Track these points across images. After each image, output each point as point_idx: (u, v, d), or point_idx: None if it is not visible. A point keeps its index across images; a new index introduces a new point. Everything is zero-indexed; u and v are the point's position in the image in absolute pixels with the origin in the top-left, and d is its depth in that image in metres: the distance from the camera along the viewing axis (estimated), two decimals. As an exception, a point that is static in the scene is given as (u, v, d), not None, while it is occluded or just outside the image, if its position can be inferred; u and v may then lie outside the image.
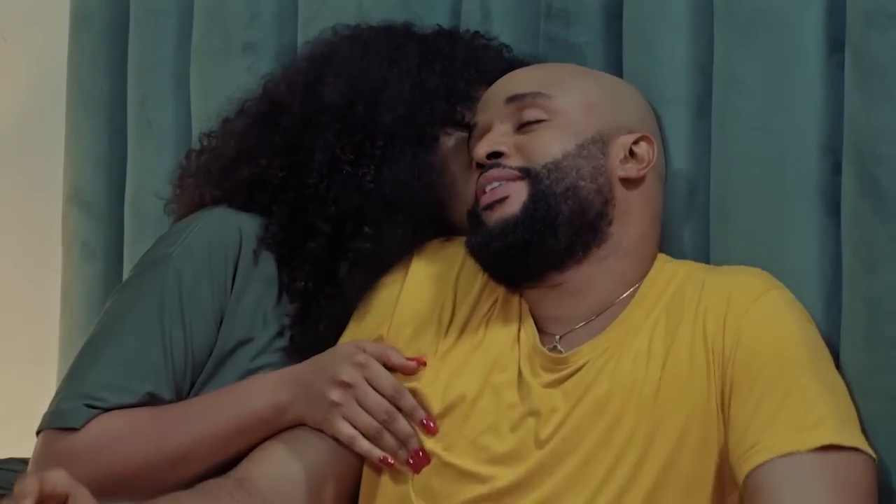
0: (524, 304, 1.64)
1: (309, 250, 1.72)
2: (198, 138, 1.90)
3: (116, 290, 1.79)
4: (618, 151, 1.62)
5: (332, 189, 1.72)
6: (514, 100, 1.64)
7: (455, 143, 1.74)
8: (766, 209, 1.64)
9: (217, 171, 1.80)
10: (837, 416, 1.46)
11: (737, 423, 1.47)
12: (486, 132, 1.65)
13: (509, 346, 1.62)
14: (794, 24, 1.62)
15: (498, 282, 1.65)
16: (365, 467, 1.64)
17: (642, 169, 1.63)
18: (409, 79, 1.73)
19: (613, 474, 1.50)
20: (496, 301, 1.66)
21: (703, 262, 1.68)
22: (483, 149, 1.62)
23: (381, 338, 1.68)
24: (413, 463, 1.59)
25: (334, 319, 1.72)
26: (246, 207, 1.75)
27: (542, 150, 1.60)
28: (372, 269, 1.72)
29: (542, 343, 1.60)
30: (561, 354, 1.59)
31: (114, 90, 2.35)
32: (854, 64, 1.53)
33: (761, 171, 1.64)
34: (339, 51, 1.79)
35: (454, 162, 1.73)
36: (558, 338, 1.61)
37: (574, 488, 1.51)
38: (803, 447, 1.42)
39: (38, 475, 1.30)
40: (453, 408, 1.60)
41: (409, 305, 1.69)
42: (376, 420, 1.60)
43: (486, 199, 1.61)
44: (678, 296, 1.58)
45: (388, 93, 1.73)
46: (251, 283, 1.72)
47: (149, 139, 2.28)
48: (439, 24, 1.86)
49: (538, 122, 1.62)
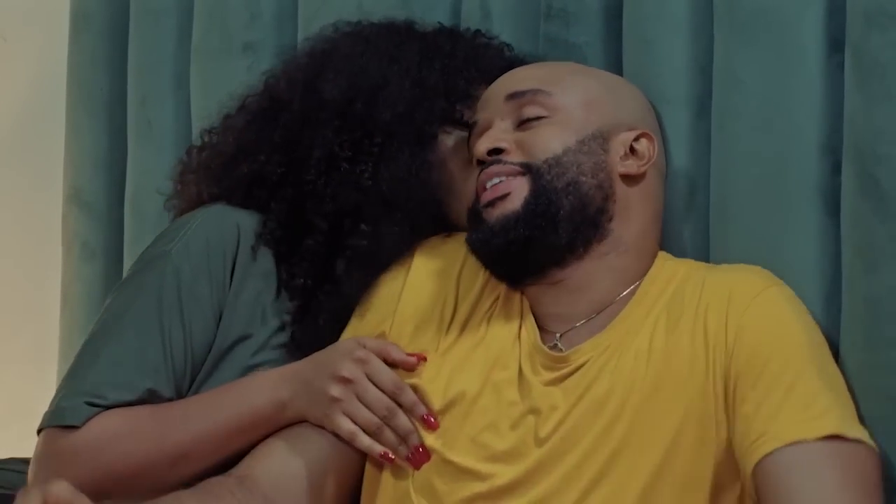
0: (525, 301, 1.65)
1: (307, 247, 1.72)
2: (199, 134, 1.90)
3: (116, 287, 1.79)
4: (618, 148, 1.62)
5: (329, 186, 1.72)
6: (514, 97, 1.64)
7: (454, 141, 1.74)
8: (766, 209, 1.64)
9: (217, 168, 1.80)
10: (841, 409, 1.46)
11: (742, 417, 1.47)
12: (486, 130, 1.65)
13: (510, 344, 1.62)
14: (794, 24, 1.62)
15: (499, 279, 1.65)
16: (367, 464, 1.64)
17: (643, 165, 1.63)
18: (408, 77, 1.73)
19: (609, 472, 1.50)
20: (498, 298, 1.66)
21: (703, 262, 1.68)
22: (484, 145, 1.63)
23: (383, 335, 1.68)
24: (413, 459, 1.59)
25: (334, 315, 1.71)
26: (244, 204, 1.75)
27: (542, 146, 1.60)
28: (369, 266, 1.72)
29: (542, 341, 1.60)
30: (561, 353, 1.59)
31: (114, 90, 2.35)
32: (854, 64, 1.53)
33: (761, 171, 1.64)
34: (340, 47, 1.79)
35: (453, 160, 1.73)
36: (559, 336, 1.61)
37: (570, 486, 1.51)
38: (810, 436, 1.42)
39: (41, 488, 1.30)
40: (454, 405, 1.60)
41: (411, 302, 1.69)
42: (377, 416, 1.60)
43: (487, 197, 1.61)
44: (679, 294, 1.58)
45: (387, 90, 1.73)
46: (249, 279, 1.72)
47: (149, 139, 2.28)
48: (440, 22, 1.86)
49: (538, 118, 1.62)
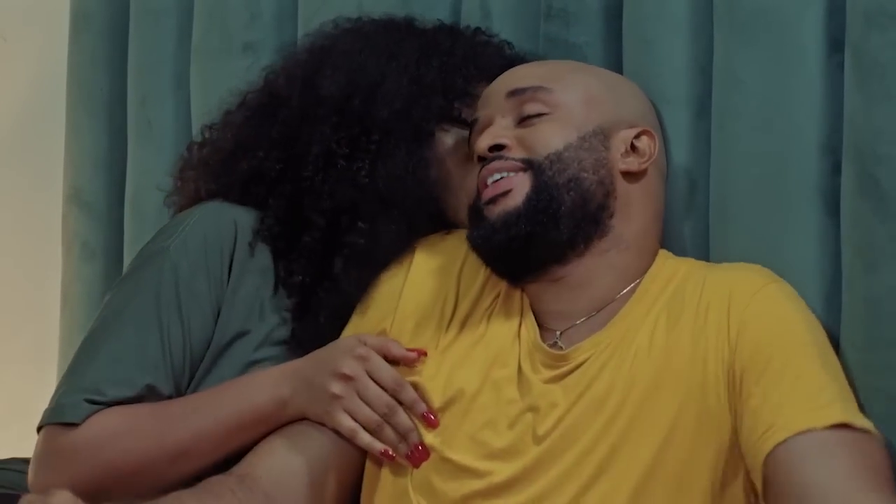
0: (525, 299, 1.64)
1: (304, 244, 1.72)
2: (199, 130, 1.90)
3: (115, 284, 1.79)
4: (619, 145, 1.62)
5: (327, 183, 1.72)
6: (514, 94, 1.64)
7: (452, 139, 1.74)
8: (766, 209, 1.64)
9: (215, 164, 1.80)
10: (845, 400, 1.47)
11: (749, 411, 1.47)
12: (487, 127, 1.65)
13: (510, 342, 1.62)
14: (794, 24, 1.62)
15: (500, 276, 1.65)
16: (367, 461, 1.64)
17: (644, 163, 1.63)
18: (406, 74, 1.73)
19: (606, 469, 1.50)
20: (498, 296, 1.66)
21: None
22: (485, 142, 1.63)
23: (384, 332, 1.68)
24: (412, 457, 1.59)
25: (335, 312, 1.71)
26: (242, 201, 1.75)
27: (543, 142, 1.60)
28: (366, 265, 1.72)
29: (543, 339, 1.60)
30: (561, 351, 1.59)
31: (114, 90, 2.35)
32: (854, 64, 1.53)
33: (761, 171, 1.64)
34: (339, 44, 1.79)
35: (451, 158, 1.73)
36: (559, 333, 1.61)
37: (568, 483, 1.51)
38: (819, 424, 1.42)
39: (43, 499, 1.31)
40: (453, 402, 1.60)
41: (411, 299, 1.69)
42: (377, 413, 1.60)
43: (488, 193, 1.61)
44: (679, 292, 1.58)
45: (385, 87, 1.72)
46: (247, 274, 1.72)
47: (149, 139, 2.28)
48: (440, 19, 1.86)
49: (539, 115, 1.62)
